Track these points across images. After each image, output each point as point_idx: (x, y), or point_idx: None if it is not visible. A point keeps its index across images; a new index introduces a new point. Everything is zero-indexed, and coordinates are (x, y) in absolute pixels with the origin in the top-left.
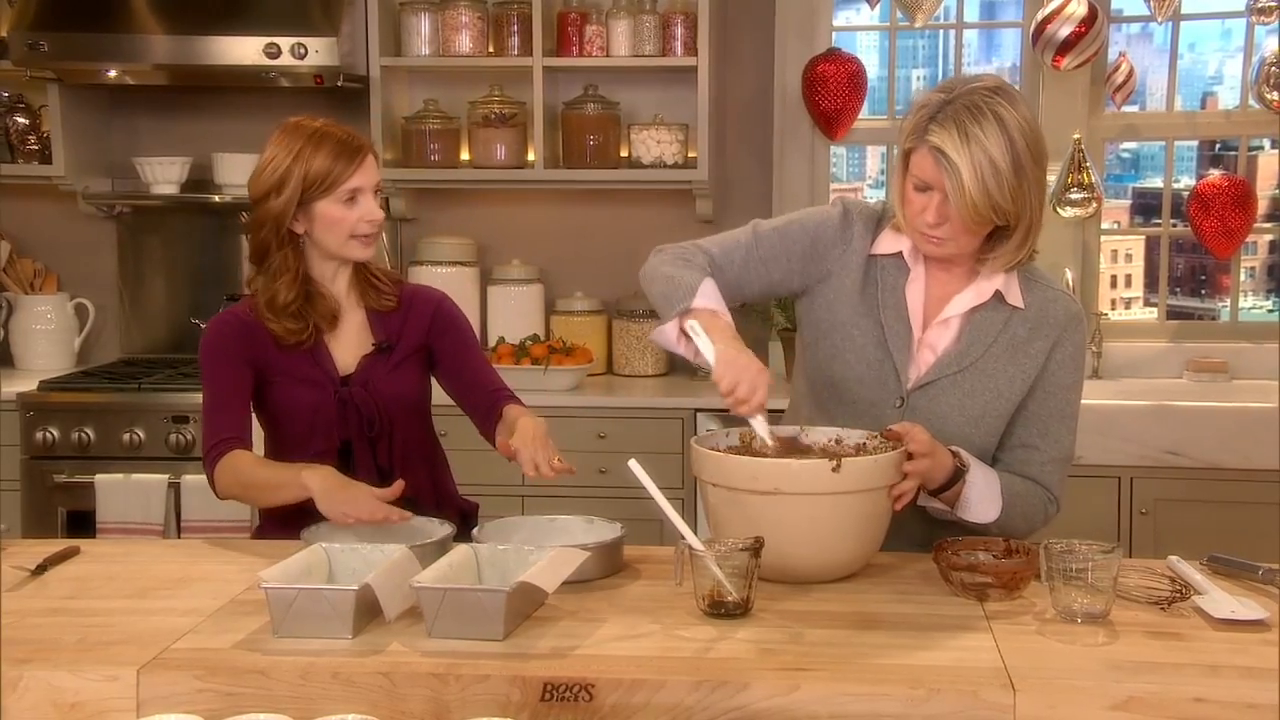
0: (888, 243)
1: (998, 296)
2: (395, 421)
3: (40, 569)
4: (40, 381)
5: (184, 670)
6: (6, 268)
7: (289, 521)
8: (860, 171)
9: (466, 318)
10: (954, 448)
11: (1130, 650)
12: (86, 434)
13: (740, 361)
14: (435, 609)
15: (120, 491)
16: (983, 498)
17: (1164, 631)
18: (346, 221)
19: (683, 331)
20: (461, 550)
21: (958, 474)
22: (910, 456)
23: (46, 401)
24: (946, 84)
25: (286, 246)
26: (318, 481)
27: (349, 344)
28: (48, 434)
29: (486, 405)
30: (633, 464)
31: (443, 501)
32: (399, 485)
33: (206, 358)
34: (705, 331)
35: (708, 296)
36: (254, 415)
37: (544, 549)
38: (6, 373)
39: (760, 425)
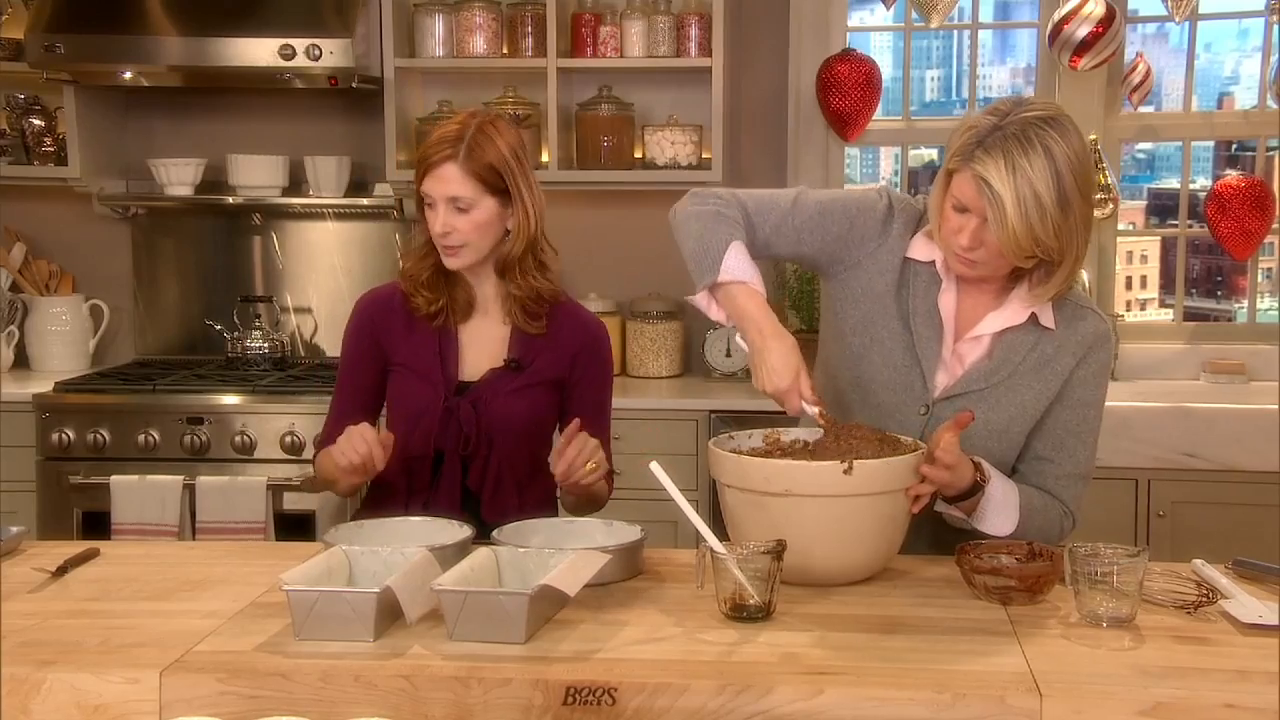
0: (922, 249)
1: (1032, 318)
2: (494, 444)
3: (61, 570)
4: (55, 383)
5: (206, 673)
6: (22, 269)
7: (382, 504)
8: (874, 173)
9: (611, 364)
10: (976, 458)
11: (1157, 655)
12: (102, 435)
13: (780, 359)
14: (457, 612)
15: (135, 493)
16: (999, 511)
17: (1191, 636)
18: (431, 227)
19: (714, 297)
20: (482, 553)
21: (977, 486)
22: (933, 459)
23: (62, 403)
24: (1000, 107)
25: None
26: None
27: (484, 351)
28: (63, 435)
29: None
30: (654, 466)
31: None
32: (388, 438)
33: (343, 346)
34: (740, 320)
35: (733, 270)
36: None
37: (565, 551)
38: (22, 374)
39: (809, 411)
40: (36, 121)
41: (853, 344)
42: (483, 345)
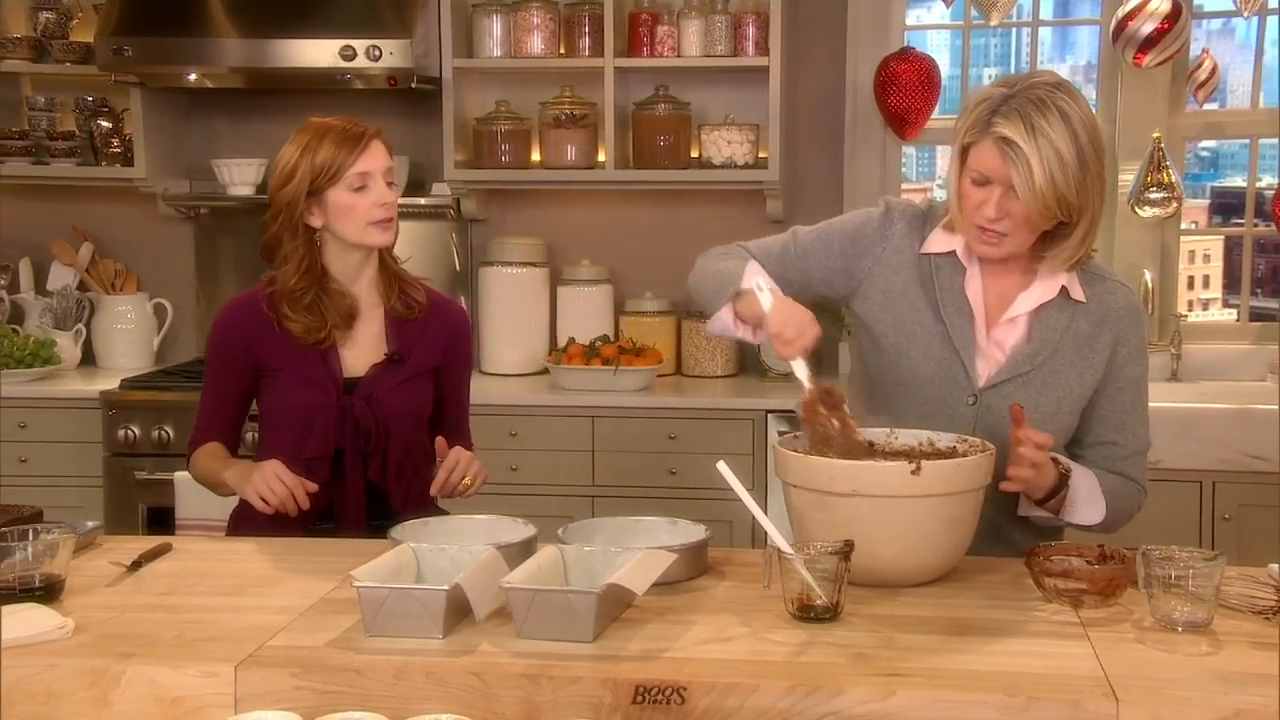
0: (940, 241)
1: (1062, 293)
2: (392, 436)
3: (136, 565)
4: (121, 380)
5: (280, 668)
6: (89, 268)
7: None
8: (930, 171)
9: (472, 349)
10: (1054, 454)
11: (1235, 661)
12: (166, 432)
13: (795, 311)
14: (525, 610)
15: (199, 489)
16: (1087, 501)
17: (1270, 642)
18: (360, 209)
19: (737, 315)
20: (548, 551)
21: (1062, 481)
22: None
23: (127, 399)
24: (1005, 80)
25: (299, 238)
26: (234, 475)
27: (363, 348)
28: (129, 431)
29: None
30: (722, 466)
31: (421, 512)
32: (311, 488)
33: (210, 352)
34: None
35: (756, 273)
36: (251, 411)
37: (631, 550)
38: (89, 371)
39: (800, 368)
40: (104, 123)
41: (890, 347)
42: (362, 341)
